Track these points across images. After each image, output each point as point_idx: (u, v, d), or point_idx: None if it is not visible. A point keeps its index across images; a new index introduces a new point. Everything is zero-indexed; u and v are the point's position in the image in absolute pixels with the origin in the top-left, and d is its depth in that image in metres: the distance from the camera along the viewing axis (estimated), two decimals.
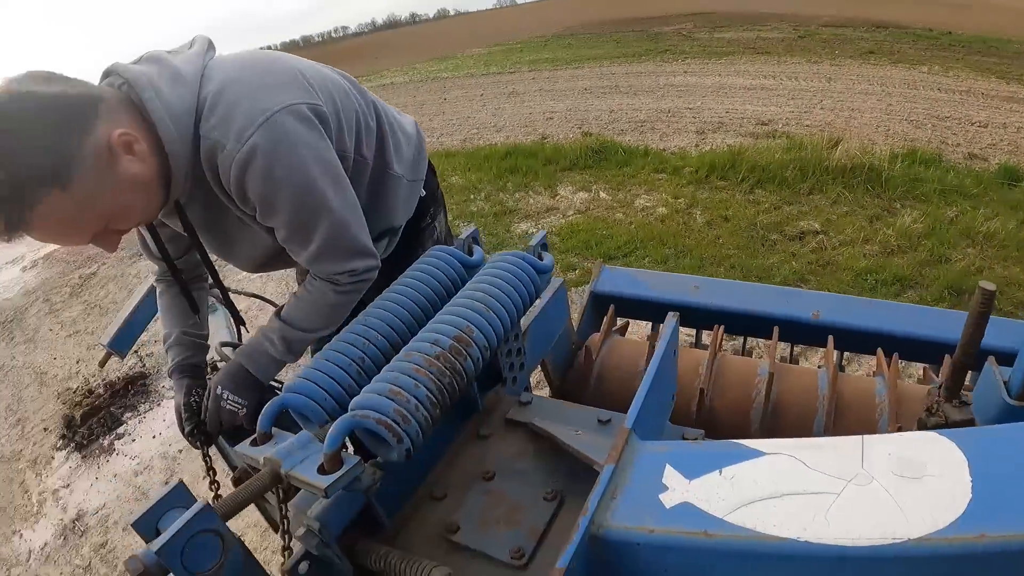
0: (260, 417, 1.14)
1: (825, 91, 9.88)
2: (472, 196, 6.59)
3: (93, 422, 4.33)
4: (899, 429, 1.43)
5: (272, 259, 1.66)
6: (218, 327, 2.45)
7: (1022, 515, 0.71)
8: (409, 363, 1.13)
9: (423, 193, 1.88)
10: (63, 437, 4.30)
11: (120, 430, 4.20)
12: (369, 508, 1.15)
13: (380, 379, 1.12)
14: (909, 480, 0.78)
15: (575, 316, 1.97)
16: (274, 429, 1.14)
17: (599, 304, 2.07)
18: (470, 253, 1.58)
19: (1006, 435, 0.83)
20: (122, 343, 2.77)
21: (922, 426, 1.27)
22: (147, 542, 0.95)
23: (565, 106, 10.81)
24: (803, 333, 1.87)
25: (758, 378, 1.67)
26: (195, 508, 0.92)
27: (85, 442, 4.17)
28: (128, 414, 4.35)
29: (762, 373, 1.67)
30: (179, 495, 1.01)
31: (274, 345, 1.55)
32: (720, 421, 1.65)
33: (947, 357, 1.46)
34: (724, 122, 8.27)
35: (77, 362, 5.33)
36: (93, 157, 1.18)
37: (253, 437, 1.12)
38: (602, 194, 5.97)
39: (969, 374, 1.26)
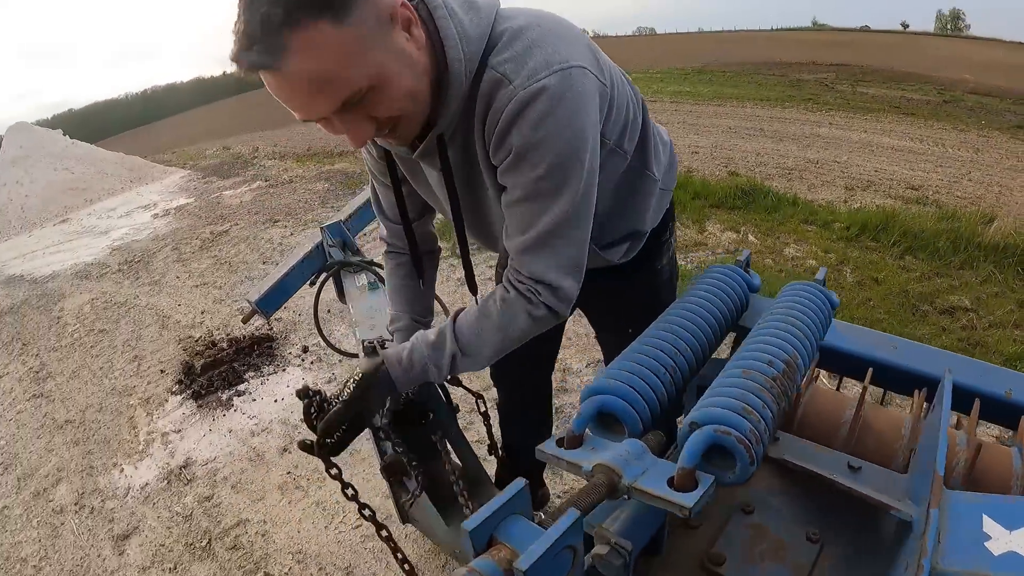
0: (576, 419, 1.09)
1: (973, 162, 9.56)
2: None
3: (214, 374, 4.32)
4: None
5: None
6: (372, 310, 2.33)
7: None
8: (751, 382, 1.09)
9: (668, 205, 1.79)
10: (179, 383, 4.33)
11: (241, 387, 4.17)
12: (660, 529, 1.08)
13: (722, 394, 1.08)
14: None
15: None
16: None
17: None
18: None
19: None
20: (270, 303, 2.83)
21: None
22: (476, 553, 0.84)
23: (710, 142, 10.73)
24: (993, 409, 1.77)
25: (959, 448, 1.57)
26: (569, 517, 0.83)
27: (203, 392, 4.16)
28: (251, 373, 4.31)
29: (961, 444, 1.58)
30: (522, 499, 0.89)
31: (439, 370, 1.41)
32: None
33: None
34: (873, 181, 8.11)
35: (202, 312, 5.45)
36: (375, 5, 1.08)
37: (560, 437, 1.07)
38: (751, 237, 5.93)
39: None
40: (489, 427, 2.07)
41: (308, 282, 2.93)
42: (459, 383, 1.83)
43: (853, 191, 7.68)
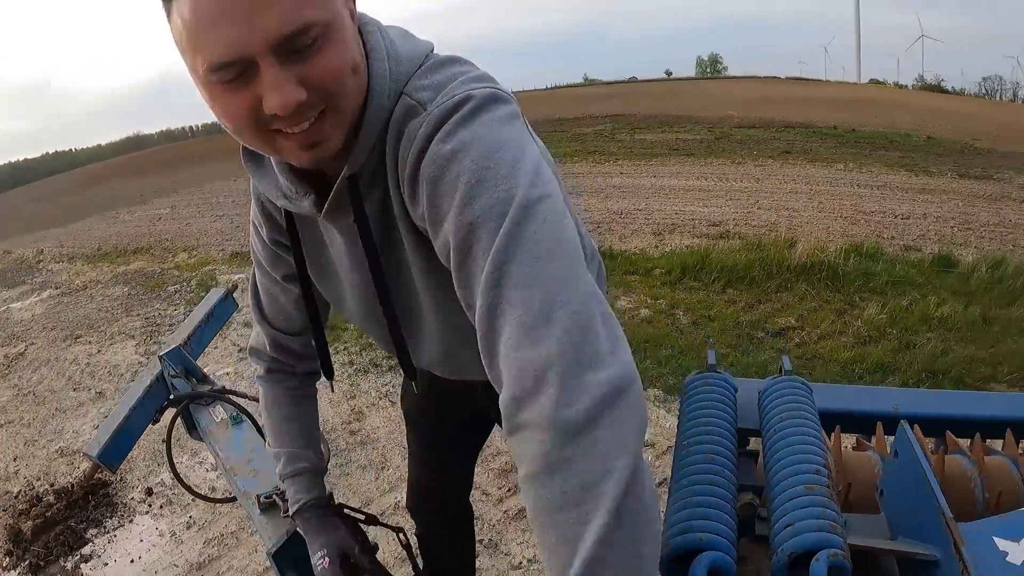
0: None
1: (758, 191, 10.38)
2: None
3: (49, 538, 3.66)
4: None
5: (457, 345, 1.18)
6: (246, 452, 2.02)
7: None
8: (819, 496, 1.09)
9: None
10: (9, 554, 3.62)
11: (85, 550, 3.55)
12: None
13: (805, 516, 1.06)
14: None
15: None
16: None
17: None
18: None
19: None
20: (113, 455, 2.49)
21: None
22: None
23: None
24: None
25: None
26: None
27: (42, 563, 3.51)
28: (93, 530, 3.70)
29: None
30: None
31: None
32: None
33: None
34: (677, 223, 8.55)
35: (15, 460, 4.67)
36: None
37: None
38: None
39: None
40: (414, 560, 1.89)
41: (151, 422, 2.60)
42: (375, 520, 1.62)
43: (662, 236, 8.05)
